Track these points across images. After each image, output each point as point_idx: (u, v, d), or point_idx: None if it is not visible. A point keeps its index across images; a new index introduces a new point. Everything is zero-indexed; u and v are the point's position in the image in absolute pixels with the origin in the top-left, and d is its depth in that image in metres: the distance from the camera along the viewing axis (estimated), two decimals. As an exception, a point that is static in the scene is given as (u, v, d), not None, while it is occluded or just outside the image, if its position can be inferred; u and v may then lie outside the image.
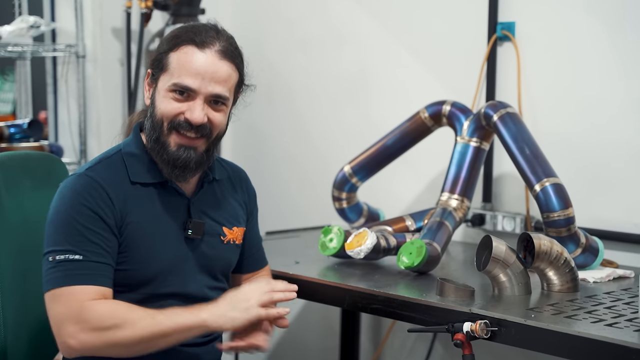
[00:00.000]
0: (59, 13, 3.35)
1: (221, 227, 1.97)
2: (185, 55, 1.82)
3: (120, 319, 1.72)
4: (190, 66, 1.81)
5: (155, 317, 1.74)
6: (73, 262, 1.74)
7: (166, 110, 1.83)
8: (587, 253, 2.24)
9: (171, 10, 3.22)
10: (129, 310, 1.74)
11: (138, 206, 1.85)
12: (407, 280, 2.17)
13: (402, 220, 2.47)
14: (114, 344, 1.73)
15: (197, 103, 1.82)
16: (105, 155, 1.90)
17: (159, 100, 1.84)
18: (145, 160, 1.89)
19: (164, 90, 1.83)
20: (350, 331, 3.03)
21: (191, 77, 1.81)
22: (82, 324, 1.71)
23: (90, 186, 1.80)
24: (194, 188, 1.94)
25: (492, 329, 1.79)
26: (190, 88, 1.81)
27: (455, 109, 2.50)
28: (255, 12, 3.48)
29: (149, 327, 1.72)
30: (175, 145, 1.84)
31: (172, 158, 1.84)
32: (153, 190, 1.88)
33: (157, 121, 1.84)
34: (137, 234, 1.83)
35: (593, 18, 2.53)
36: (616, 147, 2.49)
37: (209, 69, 1.82)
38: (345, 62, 3.18)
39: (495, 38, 2.71)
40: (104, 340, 1.72)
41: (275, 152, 3.44)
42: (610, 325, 1.73)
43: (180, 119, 1.82)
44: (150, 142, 1.86)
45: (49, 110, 3.45)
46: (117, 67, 3.33)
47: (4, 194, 1.94)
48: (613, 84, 2.50)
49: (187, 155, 1.84)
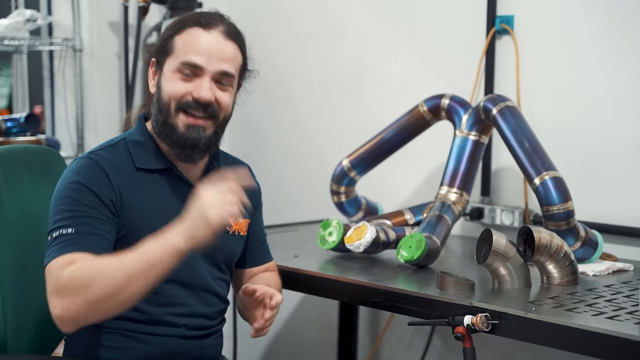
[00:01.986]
0: (56, 7, 3.34)
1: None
2: (191, 36, 1.84)
3: (88, 273, 1.65)
4: (196, 44, 1.83)
5: (124, 259, 1.66)
6: (65, 236, 1.72)
7: (173, 90, 1.84)
8: (587, 246, 2.24)
9: (168, 3, 3.21)
10: (96, 262, 1.67)
11: (141, 192, 1.84)
12: (407, 274, 2.17)
13: (401, 214, 2.47)
14: (94, 301, 1.64)
15: (205, 80, 1.83)
16: (109, 143, 1.90)
17: (166, 83, 1.85)
18: (150, 147, 1.89)
19: (170, 72, 1.85)
20: (348, 325, 3.03)
21: (198, 54, 1.82)
22: (59, 291, 1.65)
23: (89, 166, 1.81)
24: (199, 176, 1.94)
25: (492, 322, 1.78)
26: (198, 65, 1.82)
27: (454, 103, 2.49)
28: (251, 5, 3.47)
29: (120, 270, 1.64)
30: (184, 126, 1.84)
31: (181, 139, 1.84)
32: (158, 176, 1.88)
33: (164, 103, 1.85)
34: (140, 219, 1.82)
35: (592, 12, 2.53)
36: (615, 140, 2.49)
37: (215, 47, 1.84)
38: (343, 55, 3.17)
39: (493, 31, 2.71)
40: (83, 300, 1.64)
41: (273, 146, 3.44)
42: (611, 318, 1.73)
43: (187, 99, 1.83)
44: (158, 126, 1.87)
45: (45, 104, 3.44)
46: (115, 61, 3.32)
47: (3, 188, 1.93)
48: (612, 77, 2.50)
49: (197, 134, 1.84)
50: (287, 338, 3.41)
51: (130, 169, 1.86)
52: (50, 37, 3.32)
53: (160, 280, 1.69)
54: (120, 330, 1.86)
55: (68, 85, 3.32)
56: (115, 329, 1.86)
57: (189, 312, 1.91)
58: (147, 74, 1.94)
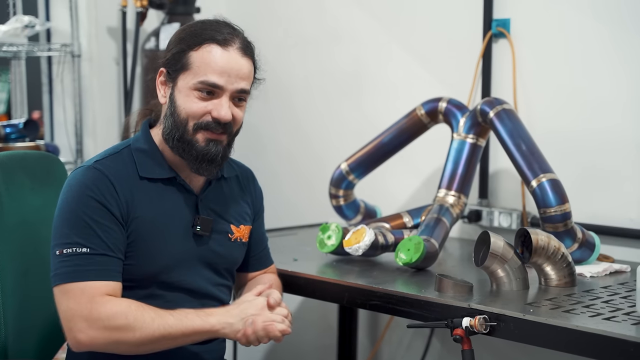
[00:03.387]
0: (54, 12, 3.35)
1: (229, 225, 1.99)
2: (209, 54, 1.84)
3: (131, 319, 1.74)
4: (215, 64, 1.84)
5: (166, 319, 1.76)
6: (80, 256, 1.75)
7: (192, 109, 1.85)
8: (584, 248, 2.25)
9: (167, 9, 3.22)
10: (140, 310, 1.76)
11: (145, 201, 1.86)
12: (406, 277, 2.18)
13: (400, 217, 2.48)
14: (123, 343, 1.74)
15: (224, 100, 1.85)
16: (113, 150, 1.91)
17: (182, 100, 1.85)
18: (155, 156, 1.90)
19: (186, 89, 1.85)
20: (347, 328, 3.04)
21: (217, 74, 1.83)
22: (93, 321, 1.73)
23: (97, 178, 1.81)
24: (202, 185, 1.96)
25: (491, 324, 1.79)
26: (218, 85, 1.84)
27: (452, 106, 2.51)
28: (250, 11, 3.48)
29: (159, 329, 1.75)
30: (204, 141, 1.86)
31: (201, 153, 1.86)
32: (161, 186, 1.90)
33: (182, 121, 1.85)
34: (144, 229, 1.84)
35: (587, 14, 2.54)
36: (612, 142, 2.51)
37: (234, 66, 1.85)
38: (341, 59, 3.19)
39: (490, 35, 2.72)
40: (114, 338, 1.73)
41: (272, 150, 3.45)
42: (608, 319, 1.74)
43: (207, 119, 1.85)
44: (173, 140, 1.87)
45: (44, 109, 3.45)
46: (113, 66, 3.33)
47: (3, 194, 1.94)
48: (607, 79, 2.51)
49: (216, 149, 1.87)
50: (287, 341, 3.40)
51: (134, 178, 1.87)
52: (49, 42, 3.32)
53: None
54: None
55: (67, 91, 3.33)
56: None
57: None
58: (150, 80, 1.95)
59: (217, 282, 1.98)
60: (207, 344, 1.94)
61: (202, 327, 1.78)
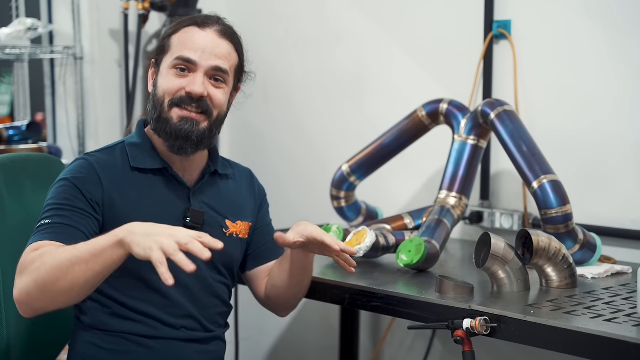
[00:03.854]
0: (57, 15, 3.36)
1: (224, 220, 2.00)
2: (186, 33, 1.91)
3: (44, 257, 1.68)
4: (191, 41, 1.89)
5: (74, 247, 1.68)
6: (43, 226, 1.78)
7: (167, 86, 1.89)
8: (585, 249, 2.25)
9: (168, 11, 3.23)
10: (54, 249, 1.70)
11: (135, 192, 1.88)
12: (407, 278, 2.18)
13: (401, 218, 2.48)
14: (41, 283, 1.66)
15: (198, 76, 1.88)
16: (107, 146, 1.97)
17: (161, 80, 1.91)
18: (146, 148, 1.94)
19: (166, 69, 1.90)
20: (349, 329, 3.04)
21: (192, 50, 1.88)
22: (19, 274, 1.71)
23: (81, 166, 1.88)
24: (195, 179, 1.98)
25: (491, 326, 1.80)
26: (191, 59, 1.87)
27: (453, 107, 2.51)
28: (251, 12, 3.49)
29: (66, 257, 1.66)
30: (178, 118, 1.89)
31: (174, 130, 1.88)
32: (152, 177, 1.92)
33: (159, 99, 1.90)
34: (129, 219, 1.78)
35: (589, 16, 2.55)
36: (613, 143, 2.51)
37: (209, 44, 1.90)
38: (342, 61, 3.19)
39: (491, 36, 2.72)
40: (32, 281, 1.67)
41: (273, 151, 3.45)
42: (609, 321, 1.74)
43: (181, 94, 1.88)
44: (153, 122, 1.92)
45: (47, 112, 3.45)
46: (115, 68, 3.34)
47: (5, 196, 1.95)
48: (609, 81, 2.51)
49: (190, 127, 1.89)
50: (289, 342, 3.43)
51: (125, 170, 1.91)
52: (51, 45, 3.33)
53: (104, 275, 1.66)
54: (122, 334, 1.89)
55: (69, 93, 3.34)
56: (116, 331, 1.89)
57: (187, 313, 1.93)
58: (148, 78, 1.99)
59: (215, 278, 1.99)
60: (205, 344, 1.95)
61: (108, 241, 1.64)
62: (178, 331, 1.91)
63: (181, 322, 1.92)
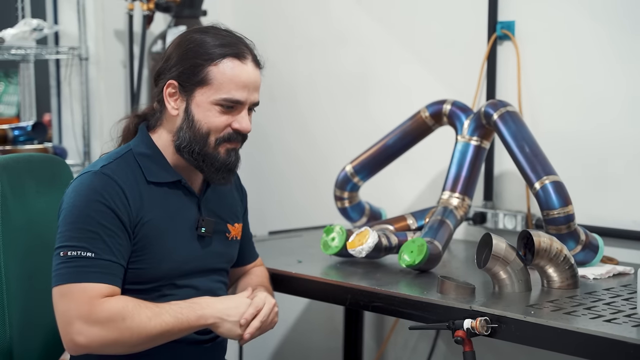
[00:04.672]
0: (62, 16, 3.37)
1: (225, 225, 2.02)
2: (231, 70, 1.87)
3: (128, 320, 1.75)
4: (238, 80, 1.87)
5: (162, 317, 1.78)
6: (84, 259, 1.76)
7: (214, 124, 1.88)
8: (587, 250, 2.25)
9: (173, 12, 3.24)
10: (137, 309, 1.77)
11: (153, 205, 1.88)
12: (409, 279, 2.18)
13: (404, 219, 2.49)
14: (120, 344, 1.75)
15: (244, 113, 1.90)
16: (116, 155, 1.91)
17: (202, 114, 1.87)
18: (159, 160, 1.92)
19: (207, 103, 1.87)
20: (353, 330, 3.04)
21: (239, 90, 1.88)
22: (91, 322, 1.73)
23: (107, 184, 1.82)
24: (200, 187, 1.98)
25: (492, 326, 1.80)
26: (240, 101, 1.88)
27: (456, 108, 2.51)
28: (256, 13, 3.50)
29: (155, 328, 1.77)
30: (225, 152, 1.90)
31: (224, 164, 1.90)
32: (166, 189, 1.92)
33: (203, 135, 1.88)
34: (152, 233, 1.86)
35: (593, 16, 2.54)
36: (616, 144, 2.51)
37: (252, 79, 1.90)
38: (347, 61, 3.20)
39: (495, 37, 2.72)
40: (111, 339, 1.74)
41: (278, 152, 3.46)
42: (609, 321, 1.74)
43: (228, 131, 1.89)
44: (192, 154, 1.89)
45: (52, 112, 3.47)
46: (120, 69, 3.35)
47: (9, 196, 1.95)
48: (612, 82, 2.51)
49: (235, 158, 1.93)
50: (293, 343, 3.43)
51: (142, 183, 1.88)
52: (57, 46, 3.35)
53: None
54: None
55: (74, 94, 3.35)
56: None
57: None
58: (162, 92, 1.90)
59: (218, 280, 2.01)
60: (210, 344, 1.96)
61: (197, 323, 1.82)
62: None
63: None
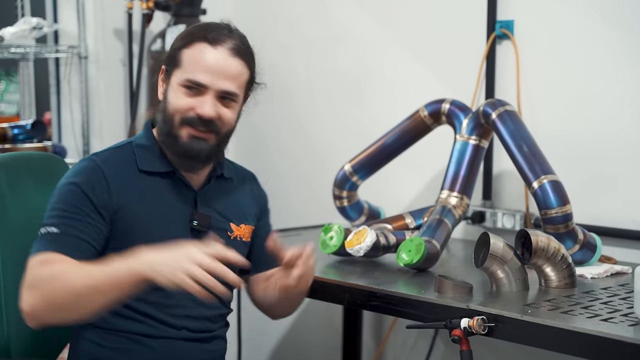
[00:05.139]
0: (61, 14, 3.37)
1: (228, 223, 2.01)
2: (198, 51, 1.87)
3: (55, 274, 1.72)
4: (202, 62, 1.86)
5: (89, 272, 1.71)
6: (50, 235, 1.79)
7: (178, 104, 1.88)
8: (585, 249, 2.25)
9: (172, 10, 3.24)
10: (65, 267, 1.74)
11: (142, 194, 1.89)
12: (407, 278, 2.18)
13: (402, 218, 2.49)
14: (52, 301, 1.71)
15: (208, 98, 1.87)
16: (115, 145, 1.97)
17: (171, 95, 1.89)
18: (154, 151, 1.94)
19: (176, 85, 1.88)
20: (352, 329, 3.05)
21: (202, 72, 1.86)
22: (27, 286, 1.74)
23: (90, 168, 1.87)
24: (202, 182, 1.98)
25: (489, 325, 1.80)
26: (201, 83, 1.86)
27: (454, 107, 2.51)
28: (256, 13, 3.50)
29: (82, 282, 1.70)
30: (188, 137, 1.88)
31: (183, 149, 1.89)
32: (160, 180, 1.93)
33: (169, 115, 1.89)
34: (136, 222, 1.86)
35: (592, 16, 2.55)
36: (614, 144, 2.51)
37: (220, 65, 1.87)
38: (345, 61, 3.20)
39: (494, 36, 2.72)
40: (43, 298, 1.71)
41: (276, 151, 3.46)
42: (606, 320, 1.74)
43: (191, 114, 1.87)
44: (162, 135, 1.92)
45: (52, 111, 3.47)
46: (119, 67, 3.35)
47: (7, 195, 1.96)
48: (611, 81, 2.51)
49: (199, 146, 1.89)
50: (292, 342, 3.43)
51: (133, 171, 1.91)
52: (56, 44, 3.35)
53: (121, 300, 1.73)
54: (123, 332, 1.89)
55: (74, 92, 3.35)
56: (118, 330, 1.89)
57: (190, 314, 1.93)
58: (156, 80, 1.98)
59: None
60: (206, 344, 1.96)
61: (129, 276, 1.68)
62: (179, 331, 1.92)
63: (183, 322, 1.92)
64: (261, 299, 2.10)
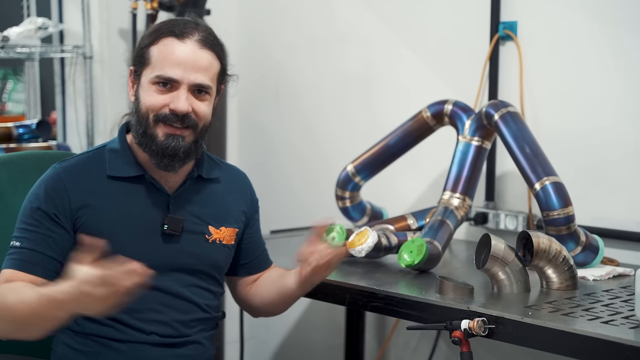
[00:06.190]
0: (67, 14, 3.38)
1: (206, 226, 1.96)
2: (166, 46, 1.85)
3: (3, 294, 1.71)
4: (171, 57, 1.84)
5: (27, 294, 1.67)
6: (12, 248, 1.81)
7: (151, 103, 1.85)
8: (587, 251, 2.25)
9: (177, 11, 3.24)
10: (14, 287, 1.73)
11: (110, 200, 1.87)
12: (408, 279, 2.19)
13: (404, 218, 2.49)
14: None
15: (181, 93, 1.84)
16: (88, 150, 1.96)
17: (143, 95, 1.86)
18: (125, 155, 1.91)
19: (147, 83, 1.86)
20: (355, 329, 3.04)
21: (173, 67, 1.83)
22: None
23: (50, 178, 1.86)
24: (177, 185, 1.94)
25: (489, 327, 1.80)
26: (173, 79, 1.84)
27: (457, 108, 2.51)
28: (261, 12, 3.50)
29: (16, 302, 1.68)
30: (164, 135, 1.85)
31: (160, 147, 1.85)
32: (130, 185, 1.90)
33: (143, 115, 1.86)
34: (103, 228, 1.83)
35: (595, 18, 2.54)
36: (617, 145, 2.50)
37: (190, 58, 1.84)
38: (351, 61, 3.20)
39: (497, 37, 2.72)
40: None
41: (281, 151, 3.47)
42: (607, 323, 1.74)
43: (165, 111, 1.85)
44: (138, 136, 1.88)
45: (57, 110, 3.48)
46: (124, 67, 3.32)
47: (9, 193, 1.97)
48: (614, 82, 2.51)
49: (176, 143, 1.85)
50: (294, 341, 3.44)
51: (102, 178, 1.89)
52: (61, 44, 3.36)
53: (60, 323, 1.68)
54: (93, 336, 1.88)
55: (78, 92, 3.36)
56: (87, 333, 1.89)
57: (159, 319, 1.90)
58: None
59: (192, 283, 1.94)
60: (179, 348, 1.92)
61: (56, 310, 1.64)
62: (148, 336, 1.89)
63: (151, 327, 1.89)
64: (245, 299, 2.11)
